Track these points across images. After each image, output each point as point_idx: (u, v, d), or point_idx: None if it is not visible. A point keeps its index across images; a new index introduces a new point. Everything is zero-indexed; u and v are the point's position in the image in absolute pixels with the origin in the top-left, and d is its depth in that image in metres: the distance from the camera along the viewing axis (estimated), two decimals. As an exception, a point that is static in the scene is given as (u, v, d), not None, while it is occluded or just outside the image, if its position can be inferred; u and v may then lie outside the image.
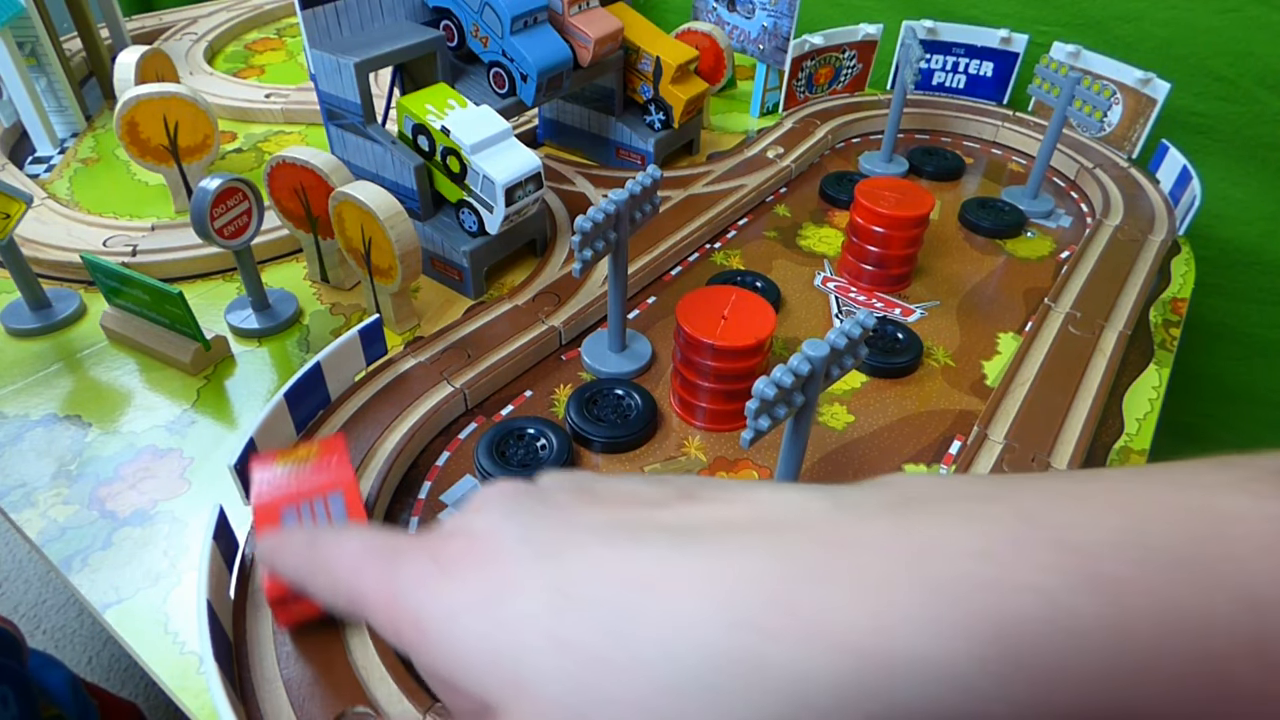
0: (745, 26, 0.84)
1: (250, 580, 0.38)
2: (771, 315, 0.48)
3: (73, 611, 1.08)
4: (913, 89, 0.81)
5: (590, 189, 0.73)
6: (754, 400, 0.34)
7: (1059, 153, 0.78)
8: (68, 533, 0.43)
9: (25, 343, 0.55)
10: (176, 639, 0.38)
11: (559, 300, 0.57)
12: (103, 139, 0.81)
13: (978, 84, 0.87)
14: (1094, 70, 0.78)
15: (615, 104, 0.74)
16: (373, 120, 0.57)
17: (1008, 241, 0.69)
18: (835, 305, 0.61)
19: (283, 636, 0.35)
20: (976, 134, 0.84)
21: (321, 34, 0.56)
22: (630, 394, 0.50)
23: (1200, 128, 0.84)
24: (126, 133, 0.62)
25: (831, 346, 0.35)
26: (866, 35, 0.86)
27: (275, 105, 0.85)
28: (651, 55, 0.70)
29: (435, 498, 0.44)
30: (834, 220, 0.71)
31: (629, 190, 0.46)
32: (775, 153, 0.78)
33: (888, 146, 0.78)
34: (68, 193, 0.72)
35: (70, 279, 0.61)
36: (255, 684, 0.34)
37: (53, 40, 0.78)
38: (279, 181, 0.56)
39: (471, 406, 0.50)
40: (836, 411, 0.51)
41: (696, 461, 0.47)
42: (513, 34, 0.59)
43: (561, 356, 0.55)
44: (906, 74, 0.72)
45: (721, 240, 0.68)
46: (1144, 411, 0.52)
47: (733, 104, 0.90)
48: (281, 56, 1.01)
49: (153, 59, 0.75)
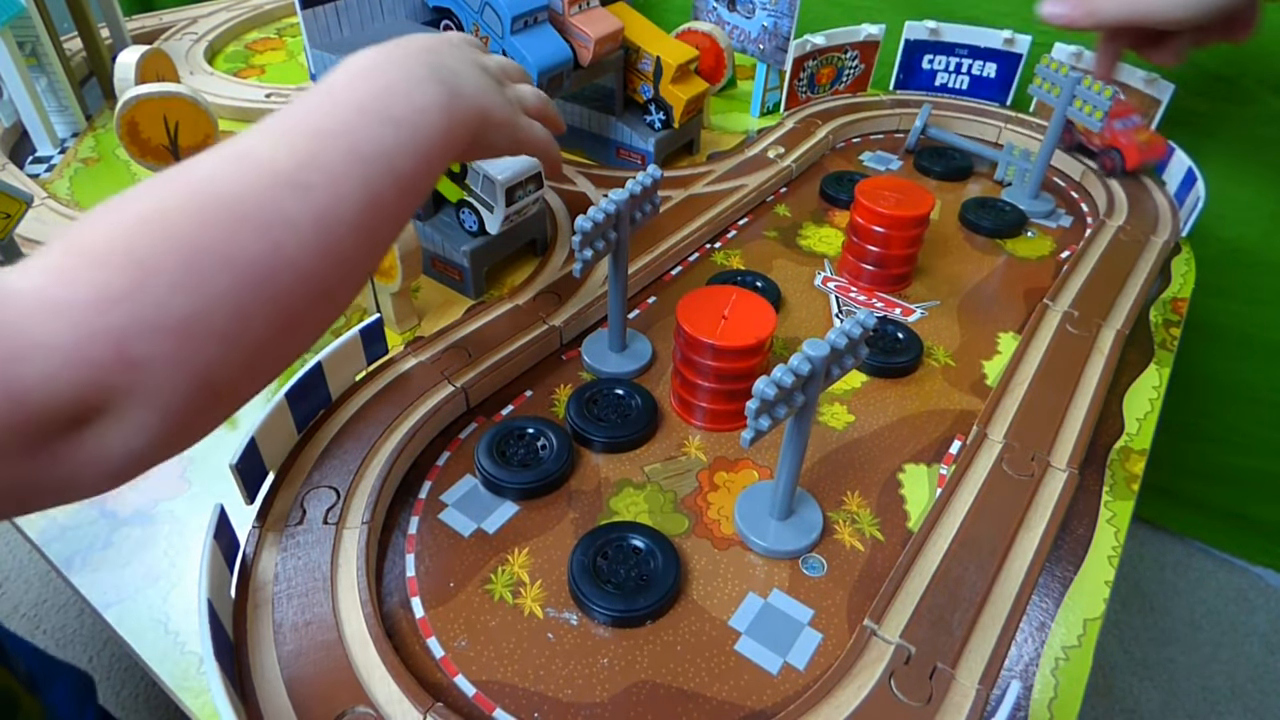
0: (745, 26, 0.84)
1: (250, 580, 0.38)
2: (772, 315, 0.48)
3: (73, 611, 1.08)
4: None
5: (590, 189, 0.73)
6: (754, 400, 0.34)
7: (1064, 154, 0.78)
8: (68, 532, 0.43)
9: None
10: (177, 639, 0.38)
11: (559, 300, 0.57)
12: (103, 139, 0.81)
13: (981, 85, 0.87)
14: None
15: (615, 104, 0.74)
16: (373, 120, 0.57)
17: (1008, 241, 0.69)
18: (835, 305, 0.61)
19: (284, 636, 0.35)
20: (979, 135, 0.84)
21: (321, 34, 0.56)
22: (630, 394, 0.50)
23: (1201, 127, 0.84)
24: (127, 132, 0.62)
25: (832, 346, 0.35)
26: (869, 35, 0.86)
27: (275, 105, 0.85)
28: (652, 55, 0.70)
29: (435, 498, 0.44)
30: (834, 220, 0.71)
31: (629, 190, 0.46)
32: (776, 152, 0.78)
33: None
34: (68, 192, 0.72)
35: (71, 279, 0.61)
36: (256, 684, 0.34)
37: (53, 40, 0.78)
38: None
39: (472, 406, 0.50)
40: (837, 411, 0.51)
41: (696, 461, 0.47)
42: (513, 34, 0.59)
43: (562, 356, 0.55)
44: None
45: (722, 240, 0.68)
46: (1144, 411, 0.52)
47: (733, 104, 0.90)
48: (282, 56, 1.01)
49: (153, 59, 0.75)
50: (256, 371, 0.28)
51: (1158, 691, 1.03)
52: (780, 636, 0.38)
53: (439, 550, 0.42)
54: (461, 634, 0.38)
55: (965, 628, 0.37)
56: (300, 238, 0.27)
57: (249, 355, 0.27)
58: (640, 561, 0.40)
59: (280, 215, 0.27)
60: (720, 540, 0.43)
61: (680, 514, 0.44)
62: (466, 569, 0.41)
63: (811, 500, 0.44)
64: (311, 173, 0.29)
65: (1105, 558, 0.42)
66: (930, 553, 0.41)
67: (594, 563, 0.40)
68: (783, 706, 0.35)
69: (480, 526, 0.43)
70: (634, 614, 0.38)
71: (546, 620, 0.39)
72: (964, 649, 0.36)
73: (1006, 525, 0.43)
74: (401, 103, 0.33)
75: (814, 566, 0.42)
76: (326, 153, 0.30)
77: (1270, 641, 1.09)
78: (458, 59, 0.38)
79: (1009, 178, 0.76)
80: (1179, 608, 1.12)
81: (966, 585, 0.39)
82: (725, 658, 0.37)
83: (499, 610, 0.39)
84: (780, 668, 0.37)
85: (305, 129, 0.30)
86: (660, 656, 0.37)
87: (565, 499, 0.45)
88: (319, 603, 0.37)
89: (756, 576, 0.41)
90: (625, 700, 0.35)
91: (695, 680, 0.36)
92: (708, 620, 0.39)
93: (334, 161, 0.30)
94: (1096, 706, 1.01)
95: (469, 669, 0.36)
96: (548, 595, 0.40)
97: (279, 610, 0.36)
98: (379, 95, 0.33)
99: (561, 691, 0.36)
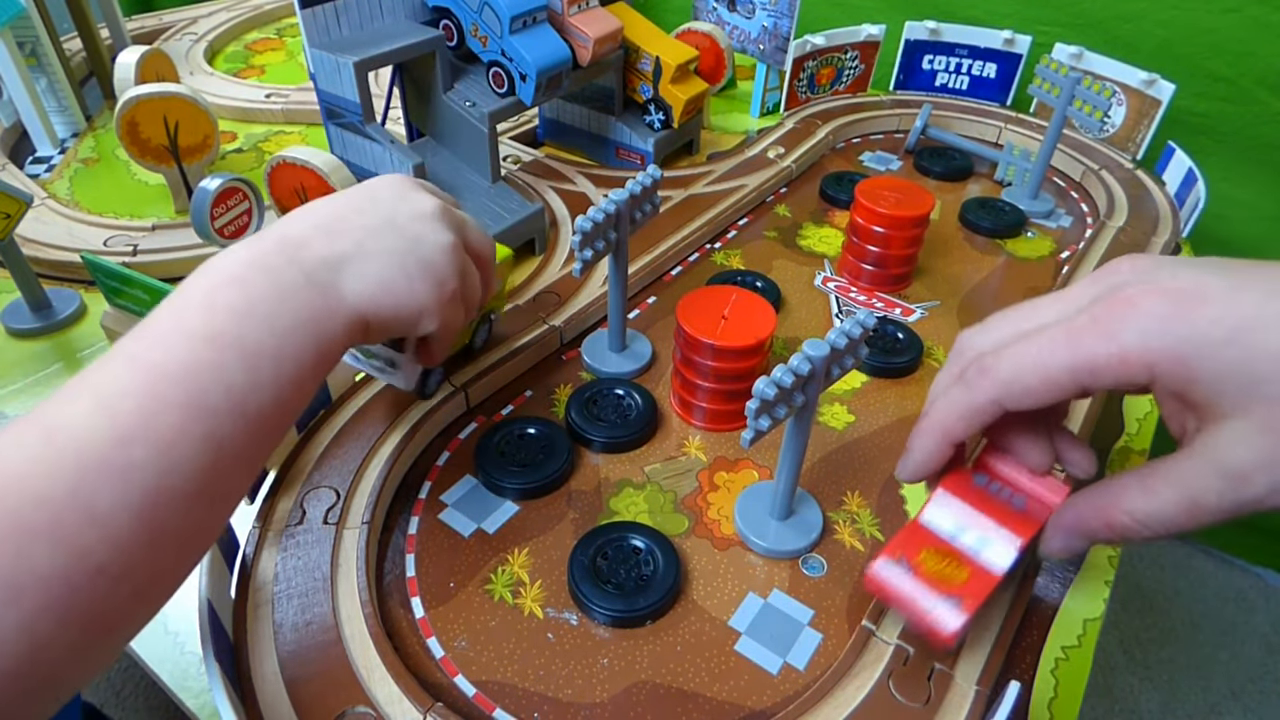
0: (745, 26, 0.84)
1: (250, 580, 0.38)
2: (772, 315, 0.48)
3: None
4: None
5: (590, 189, 0.73)
6: (754, 400, 0.34)
7: (1064, 154, 0.78)
8: (68, 533, 0.43)
9: (26, 343, 0.55)
10: (177, 639, 0.38)
11: (559, 300, 0.57)
12: (103, 139, 0.81)
13: (981, 85, 0.87)
14: (1097, 72, 0.78)
15: (615, 104, 0.74)
16: (372, 119, 0.57)
17: (1008, 241, 0.69)
18: (835, 305, 0.61)
19: (284, 636, 0.35)
20: (979, 135, 0.84)
21: (321, 33, 0.56)
22: (630, 394, 0.50)
23: (1201, 128, 0.84)
24: (126, 133, 0.62)
25: (832, 346, 0.35)
26: (869, 36, 0.86)
27: (275, 105, 0.85)
28: (651, 55, 0.70)
29: (436, 498, 0.44)
30: (834, 220, 0.71)
31: (629, 190, 0.46)
32: (776, 153, 0.77)
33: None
34: (68, 193, 0.72)
35: (71, 279, 0.61)
36: (256, 684, 0.34)
37: (53, 40, 0.78)
38: (279, 181, 0.56)
39: (472, 406, 0.50)
40: (837, 411, 0.51)
41: (696, 461, 0.47)
42: (512, 33, 0.59)
43: (561, 356, 0.55)
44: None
45: (721, 240, 0.68)
46: (1144, 411, 0.52)
47: (733, 104, 0.90)
48: (281, 56, 1.01)
49: (153, 59, 0.75)
50: (58, 690, 0.24)
51: (1158, 691, 1.03)
52: (780, 637, 0.38)
53: (439, 550, 0.42)
54: (461, 634, 0.38)
55: (965, 628, 0.37)
56: (113, 534, 0.23)
57: (45, 680, 0.23)
58: (640, 561, 0.40)
59: (86, 515, 0.23)
60: (720, 540, 0.43)
61: (680, 514, 0.44)
62: (466, 569, 0.41)
63: (811, 500, 0.44)
64: (135, 447, 0.25)
65: (1105, 558, 0.42)
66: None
67: (594, 563, 0.40)
68: (783, 706, 0.35)
69: (480, 526, 0.43)
70: (634, 614, 0.38)
71: (546, 620, 0.39)
72: (962, 649, 0.36)
73: (1006, 525, 0.42)
74: (260, 328, 0.29)
75: (814, 566, 0.42)
76: (159, 413, 0.25)
77: (1270, 641, 1.09)
78: (374, 227, 0.34)
79: (1009, 178, 0.76)
80: (1179, 608, 1.12)
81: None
82: (725, 658, 0.37)
83: (499, 610, 0.39)
84: (780, 668, 0.37)
85: (139, 377, 0.26)
86: (660, 656, 0.37)
87: (565, 499, 0.45)
88: (319, 603, 0.36)
89: (756, 576, 0.41)
90: (625, 700, 0.35)
91: (695, 680, 0.36)
92: (708, 620, 0.39)
93: (166, 423, 0.25)
94: (1096, 706, 1.01)
95: (469, 669, 0.36)
96: (548, 595, 0.40)
97: (279, 610, 0.36)
98: (237, 317, 0.29)
99: (561, 691, 0.36)
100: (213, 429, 0.26)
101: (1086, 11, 0.86)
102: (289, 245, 0.32)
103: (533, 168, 0.75)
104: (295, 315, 0.30)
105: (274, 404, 0.29)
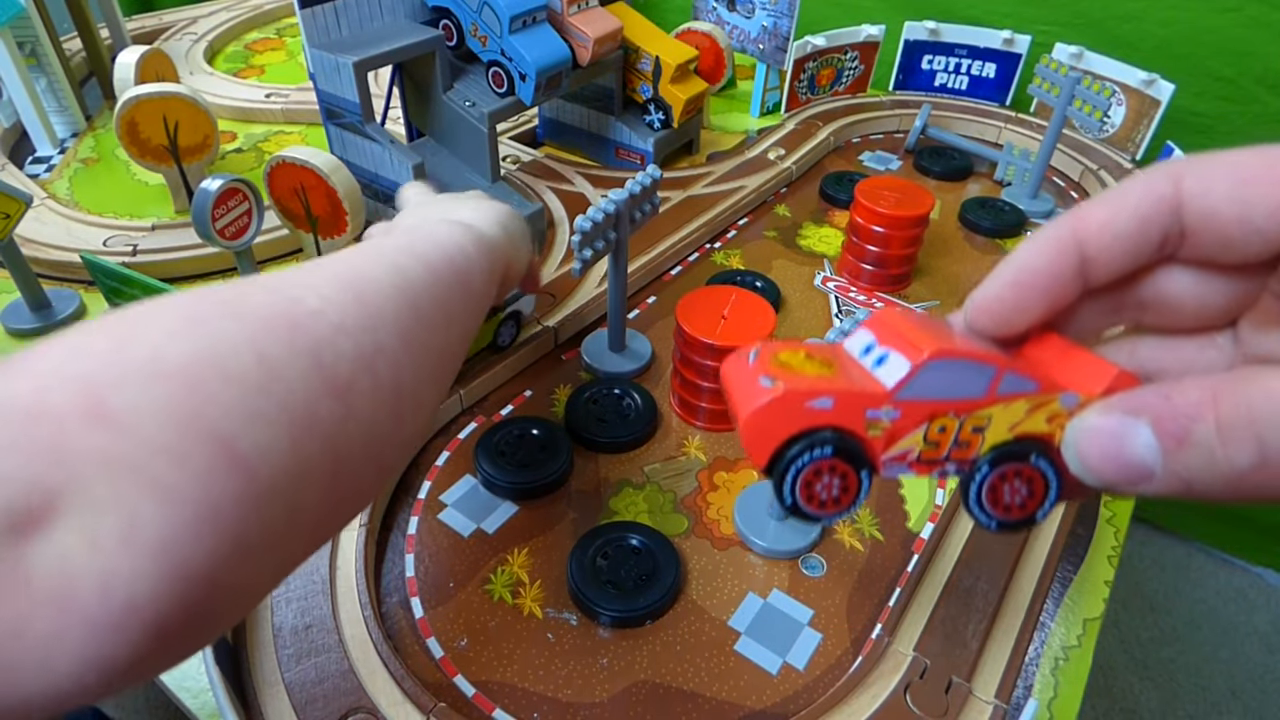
0: (745, 26, 0.84)
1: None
2: (771, 315, 0.48)
3: (73, 611, 1.08)
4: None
5: (590, 189, 0.73)
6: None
7: (1064, 154, 0.78)
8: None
9: (25, 343, 0.55)
10: (176, 639, 0.38)
11: (556, 300, 0.57)
12: (103, 139, 0.81)
13: (980, 85, 0.87)
14: (1097, 71, 0.78)
15: (615, 103, 0.74)
16: (371, 119, 0.57)
17: (1008, 241, 0.69)
18: (835, 305, 0.61)
19: (284, 640, 0.35)
20: (979, 135, 0.84)
21: (321, 33, 0.56)
22: (630, 394, 0.50)
23: (1200, 127, 0.84)
24: (126, 133, 0.62)
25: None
26: (869, 36, 0.86)
27: (275, 105, 0.85)
28: (651, 55, 0.70)
29: (435, 498, 0.44)
30: (834, 220, 0.71)
31: (629, 190, 0.46)
32: (777, 154, 0.77)
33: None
34: (68, 193, 0.72)
35: (70, 279, 0.61)
36: (257, 687, 0.34)
37: (53, 40, 0.78)
38: (279, 181, 0.56)
39: (471, 406, 0.50)
40: (836, 411, 0.51)
41: (696, 461, 0.47)
42: (511, 33, 0.59)
43: (561, 356, 0.55)
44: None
45: (721, 240, 0.68)
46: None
47: (733, 104, 0.90)
48: (281, 56, 1.01)
49: (153, 59, 0.74)
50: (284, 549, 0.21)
51: (1158, 691, 1.03)
52: (780, 636, 0.38)
53: (438, 550, 0.42)
54: (461, 634, 0.38)
55: (979, 639, 0.37)
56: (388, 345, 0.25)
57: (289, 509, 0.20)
58: (640, 561, 0.40)
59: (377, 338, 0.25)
60: (720, 540, 0.43)
61: (680, 514, 0.44)
62: (466, 569, 0.41)
63: (811, 500, 0.44)
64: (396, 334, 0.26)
65: (1105, 558, 0.42)
66: (941, 562, 0.41)
67: (594, 563, 0.40)
68: (783, 706, 0.35)
69: (480, 526, 0.43)
70: (634, 614, 0.38)
71: (546, 620, 0.39)
72: (979, 661, 0.36)
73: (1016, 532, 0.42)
74: (457, 255, 0.33)
75: (813, 566, 0.42)
76: (400, 314, 0.27)
77: (1270, 641, 1.09)
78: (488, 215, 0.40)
79: (1009, 178, 0.75)
80: (1179, 608, 1.12)
81: (979, 595, 0.39)
82: (725, 658, 0.37)
83: (499, 610, 0.39)
84: (780, 668, 0.37)
85: (382, 292, 0.28)
86: (660, 656, 0.37)
87: (565, 499, 0.45)
88: (318, 606, 0.36)
89: (756, 576, 0.41)
90: (625, 700, 0.35)
91: (695, 680, 0.36)
92: (707, 620, 0.39)
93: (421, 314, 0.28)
94: (1096, 706, 1.01)
95: (469, 669, 0.36)
96: (547, 595, 0.40)
97: (278, 615, 0.36)
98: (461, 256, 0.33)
99: (561, 692, 0.36)
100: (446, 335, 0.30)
101: (1086, 11, 0.86)
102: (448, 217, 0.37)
103: (532, 168, 0.75)
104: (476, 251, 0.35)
105: (460, 340, 0.32)
